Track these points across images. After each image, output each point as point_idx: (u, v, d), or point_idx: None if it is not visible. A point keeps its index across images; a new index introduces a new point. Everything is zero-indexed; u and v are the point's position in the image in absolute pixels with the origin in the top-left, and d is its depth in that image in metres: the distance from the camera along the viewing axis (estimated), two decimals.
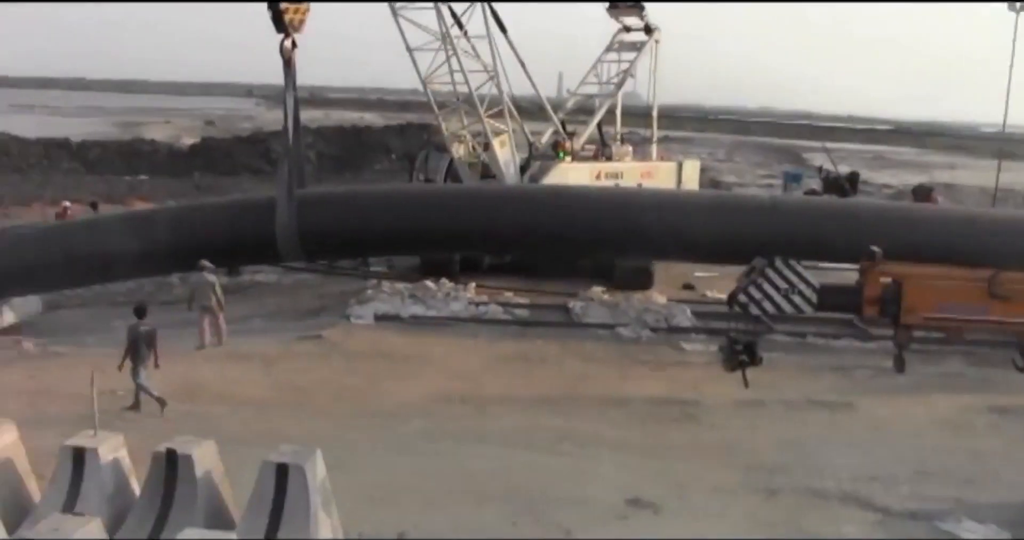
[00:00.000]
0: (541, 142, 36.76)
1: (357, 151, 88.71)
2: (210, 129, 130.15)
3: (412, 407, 19.67)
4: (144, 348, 19.55)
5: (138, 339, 19.51)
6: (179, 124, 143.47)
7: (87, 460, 12.61)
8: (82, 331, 28.33)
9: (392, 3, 31.61)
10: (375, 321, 26.91)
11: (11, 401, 19.01)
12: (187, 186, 69.63)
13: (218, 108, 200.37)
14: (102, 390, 16.80)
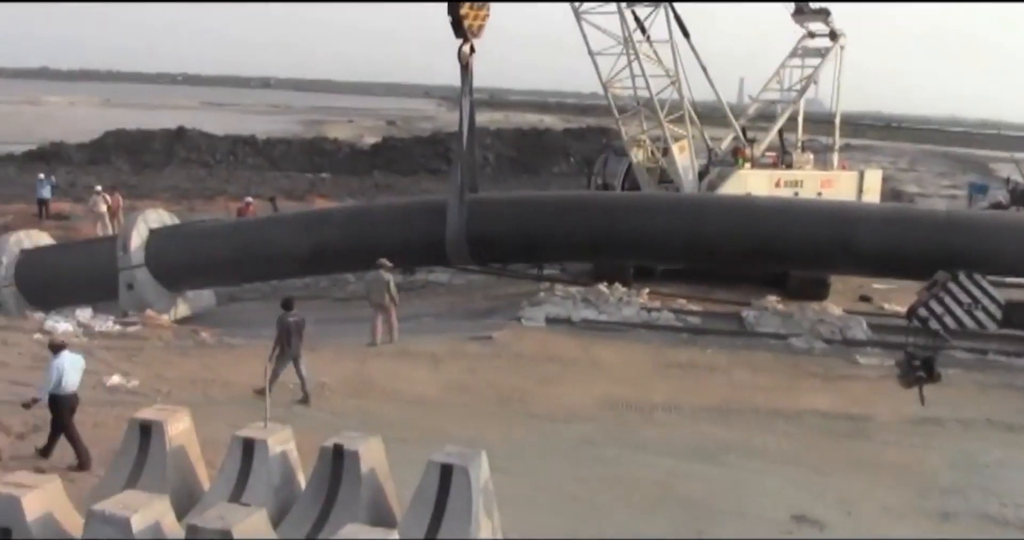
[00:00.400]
0: (721, 148, 36.33)
1: (535, 153, 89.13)
2: (391, 129, 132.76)
3: (578, 411, 19.65)
4: (295, 339, 19.97)
5: (288, 330, 19.95)
6: (361, 124, 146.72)
7: (256, 451, 12.97)
8: (257, 324, 29.15)
9: (576, 6, 31.67)
10: (546, 324, 26.98)
11: (186, 389, 19.75)
12: (367, 185, 71.04)
13: (400, 109, 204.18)
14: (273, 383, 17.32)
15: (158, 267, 30.88)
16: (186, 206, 50.95)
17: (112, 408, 18.08)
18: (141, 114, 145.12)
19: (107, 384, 19.95)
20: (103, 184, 50.92)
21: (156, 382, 20.34)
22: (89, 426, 16.94)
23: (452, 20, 27.99)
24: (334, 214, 33.75)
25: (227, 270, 31.31)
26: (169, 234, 31.92)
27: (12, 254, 32.28)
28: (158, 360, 22.42)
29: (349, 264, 31.60)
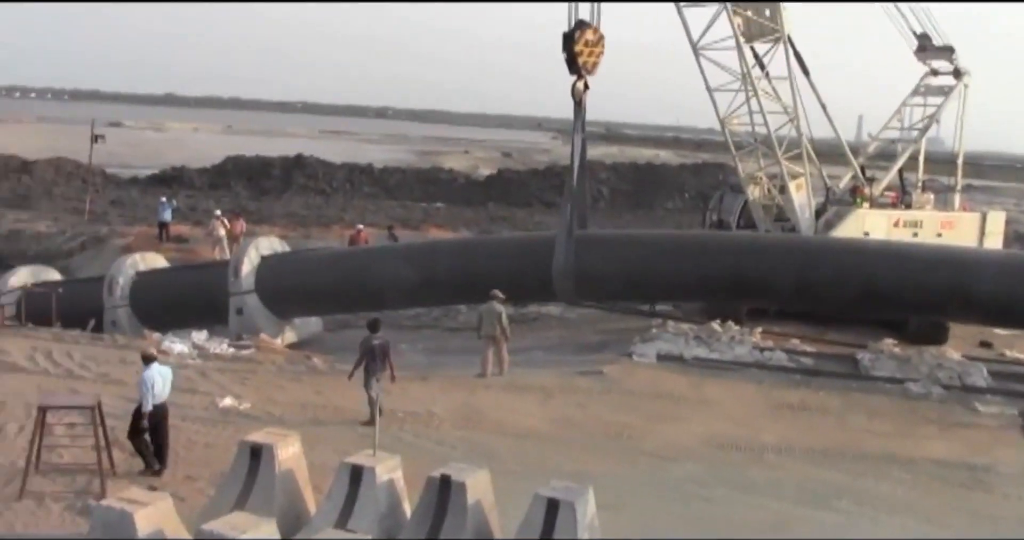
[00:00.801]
0: (839, 187, 35.84)
1: (650, 188, 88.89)
2: (507, 161, 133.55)
3: (687, 450, 19.46)
4: (378, 361, 20.17)
5: (371, 352, 20.17)
6: (477, 155, 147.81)
7: (364, 478, 13.05)
8: None
9: (695, 42, 31.58)
10: (657, 360, 26.82)
11: (297, 414, 20.01)
12: (481, 216, 71.46)
13: (515, 140, 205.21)
14: (385, 410, 17.46)
15: (267, 293, 31.44)
16: (302, 232, 51.75)
17: (223, 429, 18.38)
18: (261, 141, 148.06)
19: (220, 406, 20.30)
20: (222, 209, 52.04)
21: (267, 405, 20.64)
22: (201, 446, 17.26)
23: (567, 57, 28.11)
24: (442, 246, 34.07)
25: (334, 299, 31.73)
26: (279, 261, 32.51)
27: (128, 276, 33.22)
28: (270, 384, 22.76)
29: (455, 297, 31.79)
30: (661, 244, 30.77)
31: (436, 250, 32.93)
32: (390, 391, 20.89)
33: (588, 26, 28.19)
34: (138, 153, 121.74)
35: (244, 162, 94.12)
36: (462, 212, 73.63)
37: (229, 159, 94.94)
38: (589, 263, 28.88)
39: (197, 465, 16.33)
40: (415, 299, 32.11)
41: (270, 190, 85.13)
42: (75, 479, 15.42)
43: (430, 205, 78.96)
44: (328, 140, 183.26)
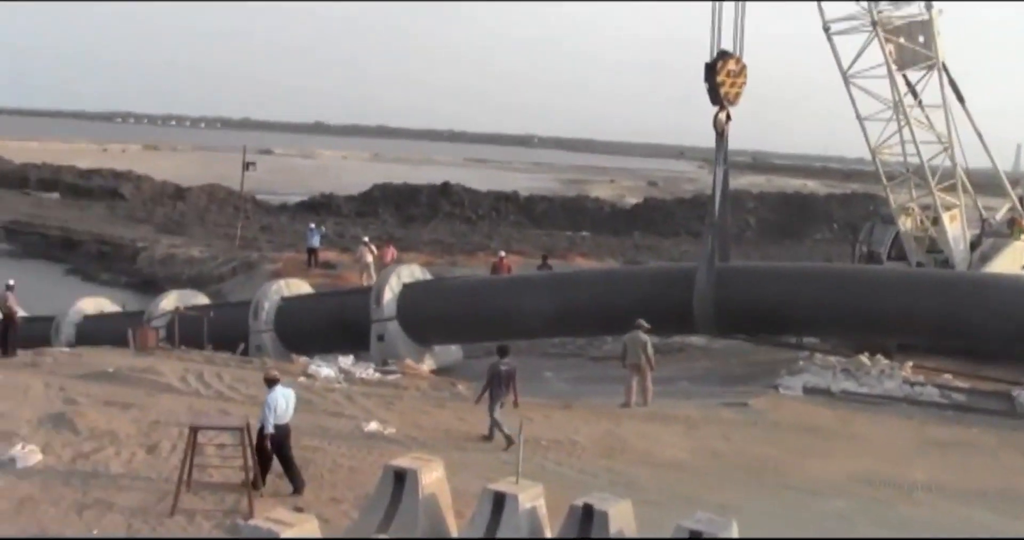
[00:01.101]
0: (995, 218, 34.89)
1: (798, 218, 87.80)
2: (653, 190, 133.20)
3: (833, 486, 19.11)
4: (503, 386, 20.46)
5: (497, 376, 20.48)
6: (623, 183, 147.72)
7: (506, 505, 13.15)
8: None
9: (845, 70, 31.18)
10: (804, 393, 26.43)
11: (441, 439, 20.23)
12: (627, 245, 71.42)
13: (661, 169, 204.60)
14: (528, 438, 17.53)
15: (408, 320, 31.89)
16: (447, 260, 52.39)
17: (368, 453, 18.68)
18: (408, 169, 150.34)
19: (365, 430, 20.63)
20: (370, 235, 52.93)
21: (412, 430, 20.91)
22: (346, 469, 17.58)
23: (708, 87, 27.98)
24: (581, 277, 34.06)
25: (473, 327, 31.99)
26: (421, 289, 32.97)
27: (273, 301, 34.16)
28: (415, 409, 23.06)
29: (594, 327, 31.70)
30: (803, 277, 30.27)
31: (575, 280, 33.00)
32: (531, 419, 21.00)
33: (730, 56, 28.05)
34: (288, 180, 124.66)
35: (391, 189, 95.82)
36: (607, 241, 73.72)
37: (377, 187, 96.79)
38: (730, 295, 28.59)
39: (342, 487, 16.63)
40: (554, 329, 32.18)
41: (416, 217, 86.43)
42: (224, 498, 15.84)
43: (575, 234, 79.24)
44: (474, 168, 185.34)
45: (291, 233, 70.59)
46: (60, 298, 39.18)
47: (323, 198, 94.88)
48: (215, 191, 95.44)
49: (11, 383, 23.69)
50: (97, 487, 16.17)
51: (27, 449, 17.52)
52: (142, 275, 57.49)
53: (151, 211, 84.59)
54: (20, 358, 28.42)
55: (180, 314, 32.94)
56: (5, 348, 29.26)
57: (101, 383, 24.23)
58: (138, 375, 24.91)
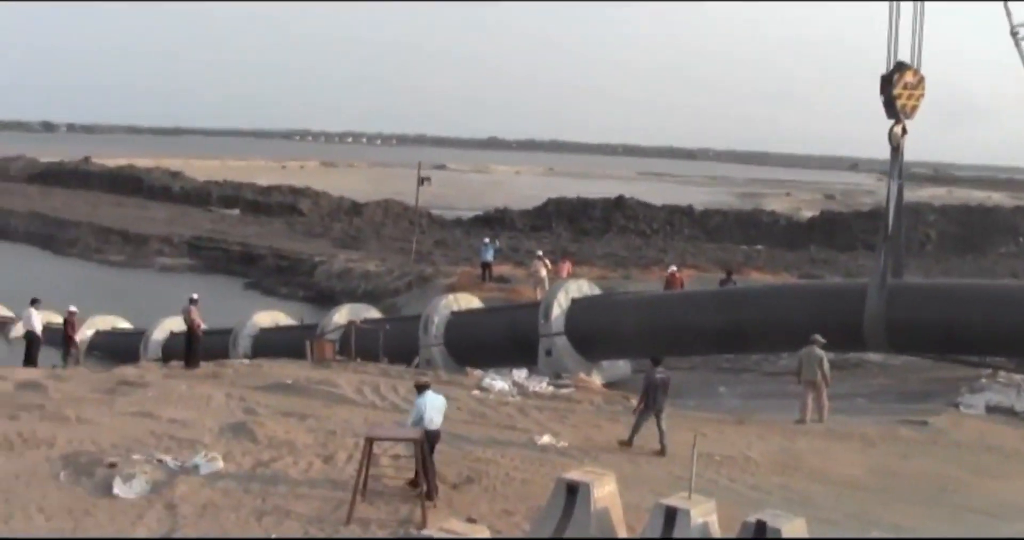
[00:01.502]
0: None
1: (980, 232, 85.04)
2: (830, 203, 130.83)
3: (1016, 509, 18.47)
4: (660, 395, 20.86)
5: (654, 385, 20.89)
6: (800, 197, 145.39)
7: (678, 521, 13.15)
8: (685, 394, 29.52)
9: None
10: (986, 412, 25.62)
11: (614, 453, 20.28)
12: (802, 259, 70.34)
13: (838, 182, 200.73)
14: (701, 453, 17.46)
15: (576, 335, 31.97)
16: (621, 273, 52.40)
17: (541, 466, 18.85)
18: (581, 183, 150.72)
19: (538, 443, 20.82)
20: (543, 249, 53.23)
21: (585, 444, 21.01)
22: (518, 482, 17.77)
23: (884, 100, 27.34)
24: (749, 293, 33.56)
25: (641, 342, 31.83)
26: (589, 304, 33.05)
27: (443, 315, 34.70)
28: (588, 423, 23.14)
29: (762, 344, 31.24)
30: (978, 295, 29.13)
31: (743, 296, 32.56)
32: (705, 434, 20.88)
33: (908, 68, 27.38)
34: (462, 195, 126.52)
35: (565, 204, 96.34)
36: (783, 255, 72.71)
37: (551, 201, 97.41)
38: (901, 314, 27.77)
39: (514, 500, 16.83)
40: (721, 345, 31.84)
41: (590, 231, 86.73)
42: (398, 508, 16.17)
43: (750, 248, 78.43)
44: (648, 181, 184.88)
45: (465, 247, 71.62)
46: (240, 312, 40.55)
47: (497, 212, 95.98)
48: (391, 206, 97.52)
49: (194, 393, 24.66)
50: (275, 495, 16.73)
51: (210, 456, 18.22)
52: (319, 289, 59.00)
53: (328, 226, 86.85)
54: (203, 369, 29.51)
55: (357, 327, 33.74)
56: (189, 359, 30.43)
57: (279, 394, 25.02)
58: (315, 387, 25.64)
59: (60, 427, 20.71)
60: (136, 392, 24.81)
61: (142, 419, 21.82)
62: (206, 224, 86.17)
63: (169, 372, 29.35)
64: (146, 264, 71.38)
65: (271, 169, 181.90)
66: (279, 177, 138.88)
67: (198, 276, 65.96)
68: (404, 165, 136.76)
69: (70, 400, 23.66)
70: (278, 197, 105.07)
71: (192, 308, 30.90)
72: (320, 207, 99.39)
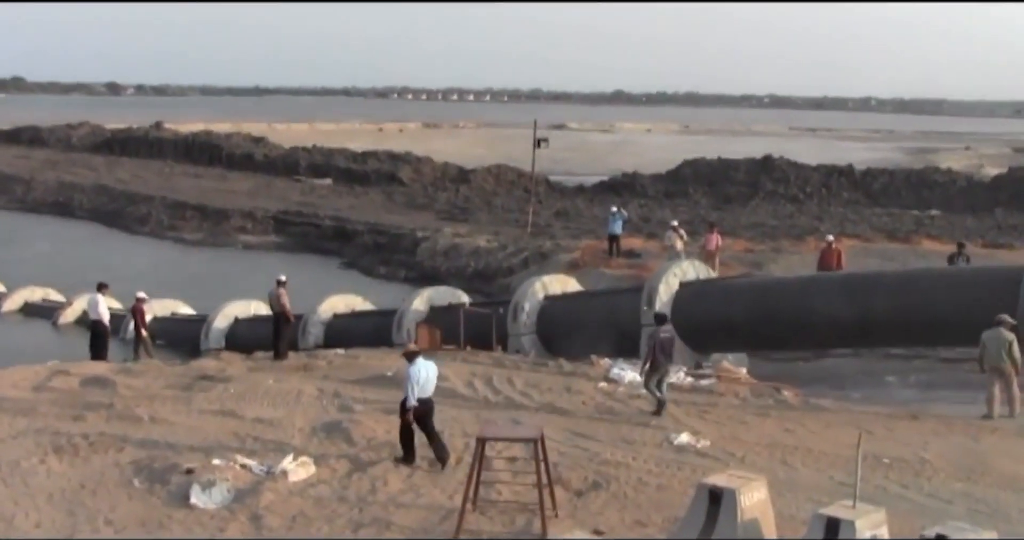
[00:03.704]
0: None
1: None
2: (1020, 157, 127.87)
3: None
4: (662, 356, 22.69)
5: (660, 346, 22.37)
6: (982, 151, 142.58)
7: (841, 533, 12.88)
8: (849, 384, 29.03)
9: None
10: None
11: (763, 455, 20.01)
12: (986, 225, 68.75)
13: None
14: (867, 454, 17.13)
15: (684, 325, 31.44)
16: (770, 246, 51.74)
17: (678, 470, 18.71)
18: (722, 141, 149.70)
19: (674, 443, 20.67)
20: (679, 219, 52.82)
21: (729, 444, 20.80)
22: (652, 488, 17.64)
23: None
24: (886, 278, 32.46)
25: (756, 334, 31.25)
26: (699, 289, 32.57)
27: (535, 301, 34.59)
28: (732, 419, 22.92)
29: (900, 339, 30.33)
30: None
31: (877, 282, 31.50)
32: (872, 432, 20.53)
33: None
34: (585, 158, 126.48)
35: (704, 166, 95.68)
36: (960, 221, 71.17)
37: (687, 163, 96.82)
38: None
39: (647, 508, 16.69)
40: (851, 339, 31.02)
41: (733, 197, 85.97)
42: (514, 518, 16.15)
43: (922, 213, 76.90)
44: (800, 138, 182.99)
45: (589, 218, 71.49)
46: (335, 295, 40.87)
47: (625, 178, 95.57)
48: (503, 173, 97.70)
49: (283, 389, 24.96)
50: (374, 504, 16.82)
51: (300, 461, 18.39)
52: (422, 269, 59.17)
53: (432, 197, 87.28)
54: (292, 361, 29.89)
55: (466, 311, 33.85)
56: (277, 350, 30.79)
57: (379, 388, 25.21)
58: None
59: (131, 428, 21.13)
60: (217, 388, 25.22)
61: (223, 418, 22.16)
62: (294, 196, 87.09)
63: (254, 365, 29.80)
64: (227, 242, 72.30)
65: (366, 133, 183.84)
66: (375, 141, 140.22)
67: (286, 255, 66.77)
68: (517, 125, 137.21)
69: (142, 398, 24.15)
70: (375, 164, 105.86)
71: (281, 291, 31.25)
72: (422, 175, 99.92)
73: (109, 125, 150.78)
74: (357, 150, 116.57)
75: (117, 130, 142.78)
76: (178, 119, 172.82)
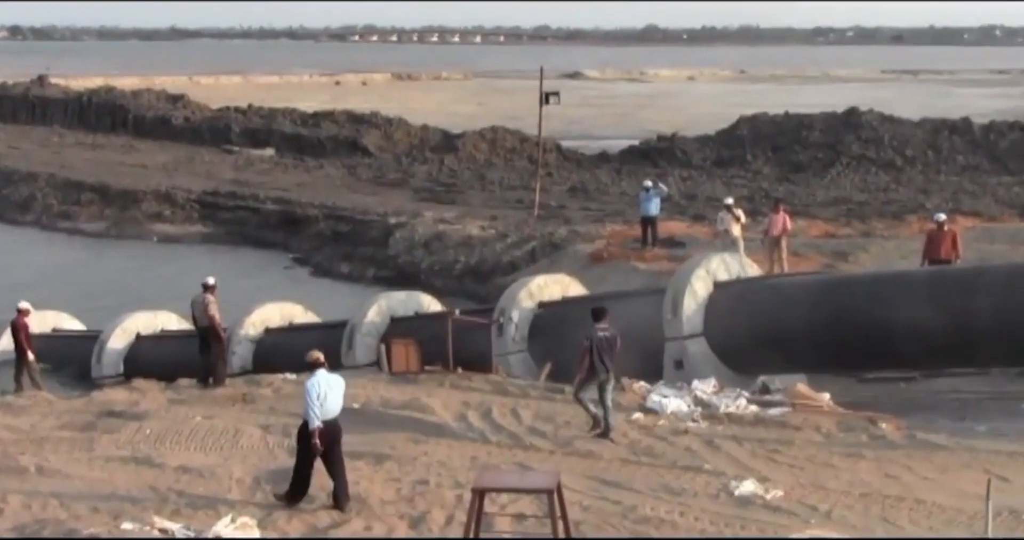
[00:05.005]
0: None
1: None
2: None
3: None
4: (604, 360, 23.53)
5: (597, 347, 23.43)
6: None
7: None
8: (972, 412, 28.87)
9: None
10: None
11: (855, 509, 19.90)
12: None
13: None
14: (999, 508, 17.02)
15: (720, 338, 31.28)
16: (858, 229, 51.54)
17: (741, 529, 18.68)
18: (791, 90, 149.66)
19: (736, 492, 20.61)
20: (735, 196, 52.65)
21: (810, 495, 20.71)
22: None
23: None
24: (988, 275, 32.15)
25: (815, 351, 30.82)
26: (740, 292, 32.31)
27: (525, 309, 34.18)
28: (813, 461, 22.82)
29: (1003, 354, 30.12)
30: None
31: (976, 279, 31.20)
32: (1007, 479, 20.46)
33: None
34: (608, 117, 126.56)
35: (765, 124, 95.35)
36: None
37: (744, 120, 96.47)
38: None
39: None
40: (943, 357, 30.76)
41: (806, 165, 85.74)
42: None
43: None
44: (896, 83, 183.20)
45: (615, 196, 71.49)
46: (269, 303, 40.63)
47: (662, 141, 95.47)
48: (500, 138, 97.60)
49: (215, 427, 24.96)
50: None
51: (239, 522, 18.35)
52: (397, 265, 58.98)
53: (407, 170, 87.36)
54: (228, 390, 29.81)
55: (455, 320, 33.76)
56: (209, 375, 30.75)
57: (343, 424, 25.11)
58: (396, 412, 25.82)
59: (12, 482, 21.10)
60: (127, 427, 25.21)
61: (137, 467, 22.17)
62: (225, 172, 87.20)
63: (176, 396, 29.73)
64: (137, 234, 72.14)
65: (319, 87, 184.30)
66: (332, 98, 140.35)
67: (217, 249, 66.80)
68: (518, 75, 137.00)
69: (27, 442, 24.09)
70: (331, 129, 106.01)
71: (209, 298, 31.21)
72: (394, 142, 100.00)
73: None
74: (307, 110, 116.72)
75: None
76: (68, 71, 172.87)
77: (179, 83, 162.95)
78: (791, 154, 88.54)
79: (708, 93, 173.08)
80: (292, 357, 35.19)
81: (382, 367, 31.98)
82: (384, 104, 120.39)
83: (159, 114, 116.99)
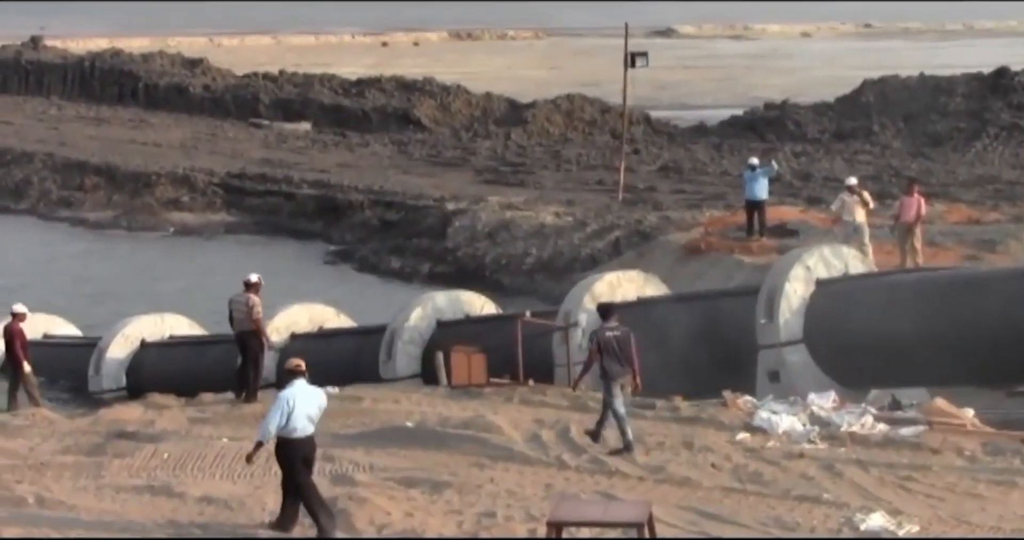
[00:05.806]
0: None
1: None
2: None
3: None
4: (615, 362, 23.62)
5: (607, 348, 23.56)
6: None
7: None
8: None
9: None
10: None
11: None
12: None
13: None
14: None
15: (824, 344, 31.18)
16: (1008, 214, 51.09)
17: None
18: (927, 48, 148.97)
19: (861, 527, 20.63)
20: (858, 174, 52.46)
21: (952, 530, 20.68)
22: None
23: None
24: None
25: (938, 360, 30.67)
26: (847, 291, 32.20)
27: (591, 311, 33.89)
28: (956, 491, 22.79)
29: None
30: None
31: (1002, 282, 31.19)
32: None
33: None
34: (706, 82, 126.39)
35: (897, 89, 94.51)
36: None
37: (869, 85, 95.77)
38: None
39: None
40: None
41: (944, 138, 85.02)
42: None
43: None
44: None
45: (715, 176, 71.44)
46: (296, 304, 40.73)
47: (771, 110, 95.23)
48: (577, 108, 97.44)
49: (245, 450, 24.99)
50: None
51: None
52: (456, 260, 58.85)
53: (468, 148, 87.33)
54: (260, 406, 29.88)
55: (525, 322, 33.75)
56: (242, 389, 30.92)
57: (394, 447, 25.31)
58: (456, 432, 25.88)
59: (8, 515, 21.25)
60: (142, 451, 25.39)
61: (153, 498, 22.34)
62: (253, 151, 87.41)
63: (199, 414, 29.90)
64: (151, 224, 72.32)
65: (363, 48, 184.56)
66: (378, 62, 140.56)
67: (246, 241, 67.02)
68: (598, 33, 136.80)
69: (25, 468, 24.29)
70: (378, 99, 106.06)
71: (252, 298, 31.30)
72: (452, 114, 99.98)
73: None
74: (349, 77, 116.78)
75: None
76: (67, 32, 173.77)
77: (197, 45, 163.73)
78: (927, 124, 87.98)
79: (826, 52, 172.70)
80: (323, 368, 35.36)
81: (440, 379, 32.06)
82: (440, 69, 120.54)
83: (174, 82, 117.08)
